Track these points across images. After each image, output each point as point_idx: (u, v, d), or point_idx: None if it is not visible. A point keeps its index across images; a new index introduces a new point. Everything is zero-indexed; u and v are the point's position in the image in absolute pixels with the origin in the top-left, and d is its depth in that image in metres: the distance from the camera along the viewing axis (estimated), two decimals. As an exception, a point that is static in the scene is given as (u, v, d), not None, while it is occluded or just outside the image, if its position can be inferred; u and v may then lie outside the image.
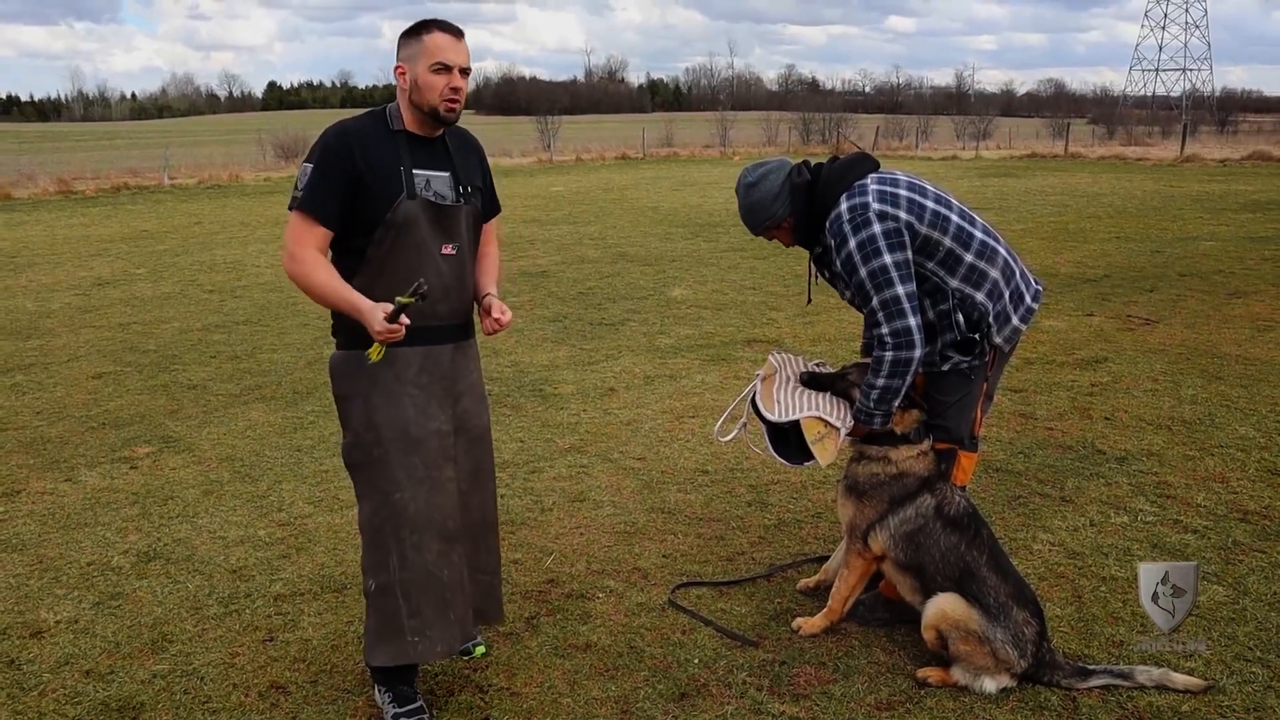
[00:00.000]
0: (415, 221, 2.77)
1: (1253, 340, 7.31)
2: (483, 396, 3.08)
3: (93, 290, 10.16)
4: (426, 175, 2.82)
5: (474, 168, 2.99)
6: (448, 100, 2.76)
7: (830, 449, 3.19)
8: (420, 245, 2.79)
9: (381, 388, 2.83)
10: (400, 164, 2.78)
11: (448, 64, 2.74)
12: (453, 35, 2.77)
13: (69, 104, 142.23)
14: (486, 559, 3.11)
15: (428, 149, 2.85)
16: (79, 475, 5.03)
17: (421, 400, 2.86)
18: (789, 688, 3.10)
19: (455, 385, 2.95)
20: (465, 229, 2.90)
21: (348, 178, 2.73)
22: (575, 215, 16.18)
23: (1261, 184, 20.24)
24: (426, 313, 2.79)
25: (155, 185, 22.80)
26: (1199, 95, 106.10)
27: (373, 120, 2.84)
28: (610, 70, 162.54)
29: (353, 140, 2.76)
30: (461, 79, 2.77)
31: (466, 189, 2.90)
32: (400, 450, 2.83)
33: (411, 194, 2.77)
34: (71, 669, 3.27)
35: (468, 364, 3.01)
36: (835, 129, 39.85)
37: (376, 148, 2.77)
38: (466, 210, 2.89)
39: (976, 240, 3.16)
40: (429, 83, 2.74)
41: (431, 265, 2.81)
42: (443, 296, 2.85)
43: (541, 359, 7.17)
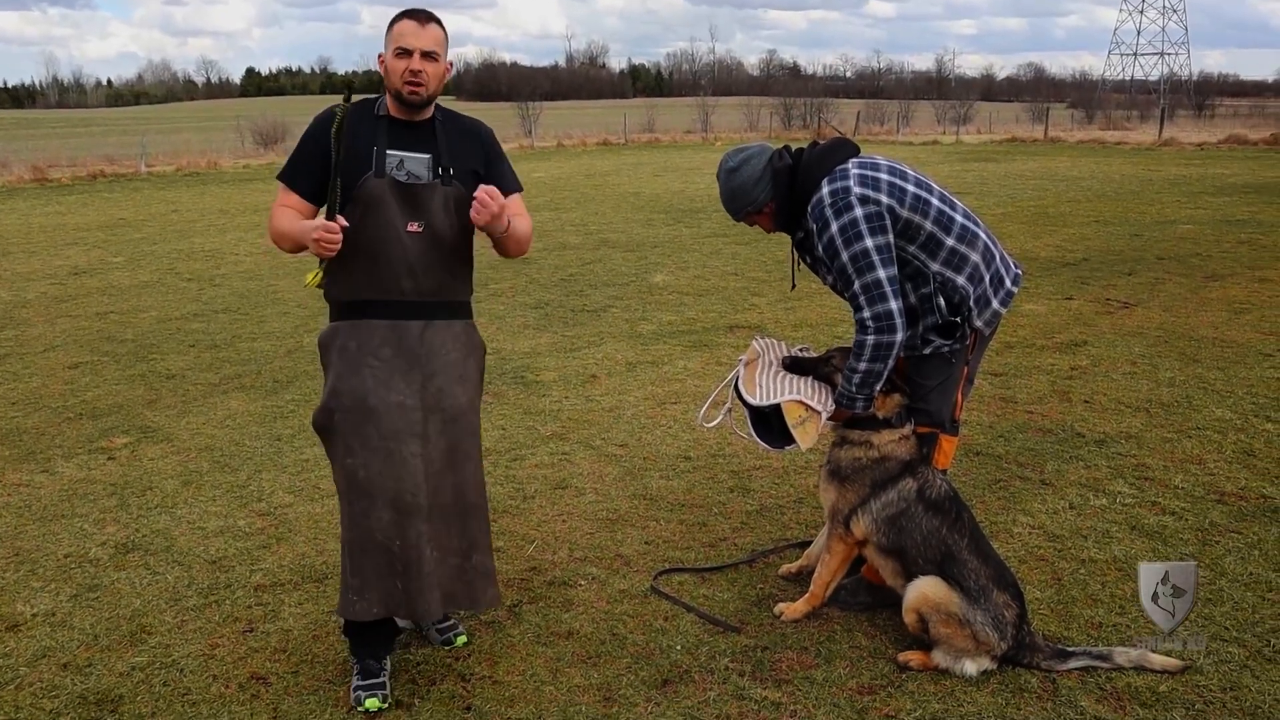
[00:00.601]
0: (381, 199, 2.91)
1: (1229, 323, 7.37)
2: (464, 378, 3.07)
3: (69, 279, 10.06)
4: (401, 156, 2.95)
5: (469, 152, 3.05)
6: (408, 84, 2.89)
7: (812, 432, 3.19)
8: (386, 222, 2.92)
9: (347, 358, 2.97)
10: (374, 144, 2.92)
11: (407, 48, 2.88)
12: (417, 21, 2.91)
13: (44, 90, 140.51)
14: (459, 542, 3.05)
15: (410, 132, 2.98)
16: (55, 466, 4.98)
17: (383, 373, 2.94)
18: (771, 673, 3.11)
19: (429, 363, 2.99)
20: (440, 209, 2.97)
21: (323, 155, 2.92)
22: (557, 201, 16.12)
23: (1238, 167, 20.39)
24: (391, 287, 2.94)
25: (132, 173, 22.56)
26: (1176, 79, 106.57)
27: (361, 105, 3.01)
28: (591, 56, 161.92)
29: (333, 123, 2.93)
30: (423, 62, 2.89)
31: (448, 170, 2.98)
32: (356, 419, 2.94)
33: (380, 173, 2.91)
34: (49, 662, 3.24)
35: (444, 343, 3.03)
36: (816, 114, 39.82)
37: (355, 128, 2.92)
38: (444, 191, 2.97)
39: (957, 224, 3.16)
40: (392, 66, 2.90)
41: (397, 241, 2.93)
42: (407, 272, 2.95)
43: (523, 346, 7.15)
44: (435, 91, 2.95)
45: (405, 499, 2.93)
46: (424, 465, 2.96)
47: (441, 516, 3.01)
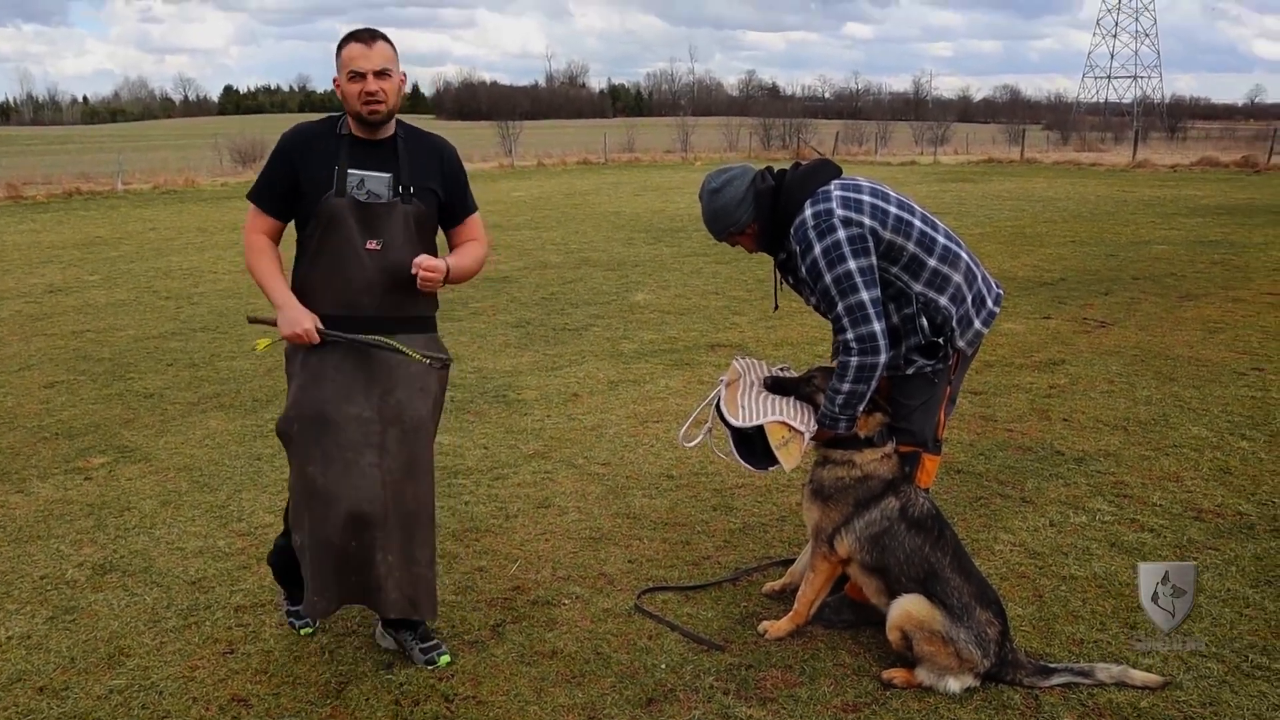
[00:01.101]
0: (341, 217, 3.01)
1: (1204, 342, 7.46)
2: (425, 390, 3.14)
3: (44, 298, 9.97)
4: (362, 175, 3.04)
5: (430, 171, 3.14)
6: (367, 104, 2.98)
7: (795, 453, 3.20)
8: (346, 239, 3.02)
9: (309, 370, 3.08)
10: (336, 164, 3.02)
11: (359, 71, 2.97)
12: (364, 43, 2.99)
13: (18, 107, 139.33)
14: (417, 552, 3.14)
15: (372, 151, 3.07)
16: (31, 487, 4.92)
17: (343, 386, 3.05)
18: (756, 691, 3.11)
19: (388, 377, 3.07)
20: (400, 228, 3.06)
21: (289, 174, 3.06)
22: (537, 220, 16.14)
23: (1210, 189, 20.68)
24: (351, 303, 3.06)
25: (108, 191, 22.40)
26: (1150, 102, 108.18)
27: (325, 124, 3.12)
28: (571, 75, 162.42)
29: (298, 141, 3.09)
30: (377, 81, 2.97)
31: (409, 189, 3.07)
32: (316, 429, 3.04)
33: (340, 193, 3.01)
34: (24, 686, 3.20)
35: (404, 358, 3.08)
36: (796, 134, 40.04)
37: (318, 148, 3.05)
38: (404, 210, 3.06)
39: (939, 245, 3.19)
40: (348, 90, 2.99)
41: (355, 259, 3.03)
42: (365, 289, 3.06)
43: (505, 364, 7.14)
44: (395, 105, 3.04)
45: (363, 507, 3.03)
46: (381, 475, 3.05)
47: (400, 525, 3.10)
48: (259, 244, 3.12)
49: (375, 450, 3.04)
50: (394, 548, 3.09)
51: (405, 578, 3.12)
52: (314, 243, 3.05)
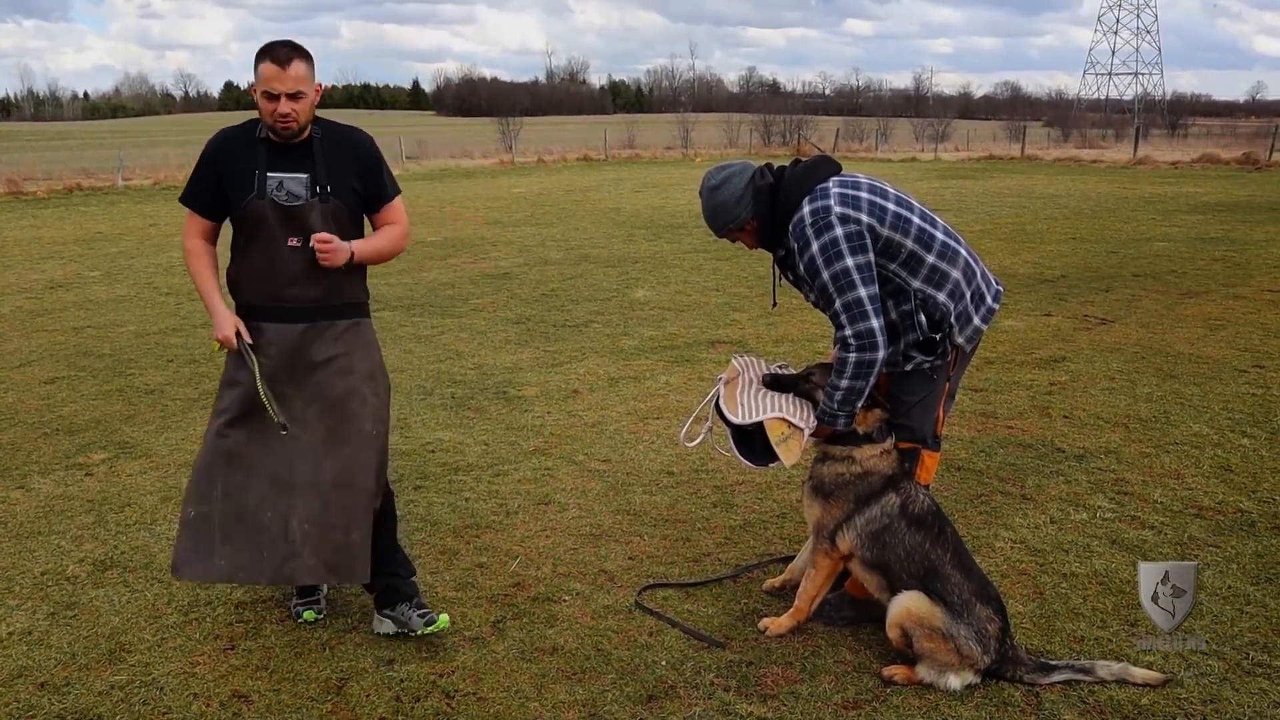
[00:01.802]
0: (263, 218, 3.19)
1: (1205, 339, 7.46)
2: (346, 370, 3.32)
3: (45, 293, 9.97)
4: (280, 177, 3.20)
5: (346, 168, 3.28)
6: (279, 122, 3.14)
7: (794, 450, 3.20)
8: (269, 239, 3.21)
9: (234, 357, 3.34)
10: (256, 168, 3.19)
11: (273, 92, 3.11)
12: (280, 65, 3.10)
13: (18, 103, 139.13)
14: (338, 519, 3.28)
15: (288, 153, 3.22)
16: (31, 483, 4.92)
17: (269, 368, 3.27)
18: (756, 688, 3.11)
19: (309, 358, 3.29)
20: (319, 224, 3.21)
21: (214, 178, 3.25)
22: (537, 217, 16.13)
23: (1211, 186, 20.67)
24: (277, 295, 3.25)
25: (109, 186, 22.42)
26: (1150, 99, 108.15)
27: (245, 129, 3.27)
28: (571, 72, 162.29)
29: (221, 147, 3.27)
30: (290, 103, 3.11)
31: (325, 189, 3.22)
32: (243, 404, 3.29)
33: (261, 195, 3.18)
34: (25, 681, 3.20)
35: (324, 341, 3.30)
36: (796, 131, 40.02)
37: (239, 153, 3.22)
38: (322, 208, 3.22)
39: (938, 241, 3.19)
40: (262, 107, 3.15)
41: (279, 255, 3.22)
42: (290, 282, 3.24)
43: (505, 361, 7.14)
44: (307, 119, 3.19)
45: (281, 474, 3.27)
46: (299, 446, 3.28)
47: (318, 494, 3.27)
48: (195, 248, 3.34)
49: (295, 424, 3.28)
50: (311, 517, 3.27)
51: (324, 545, 3.28)
52: (241, 240, 3.27)
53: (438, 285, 10.12)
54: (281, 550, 3.27)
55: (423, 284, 10.17)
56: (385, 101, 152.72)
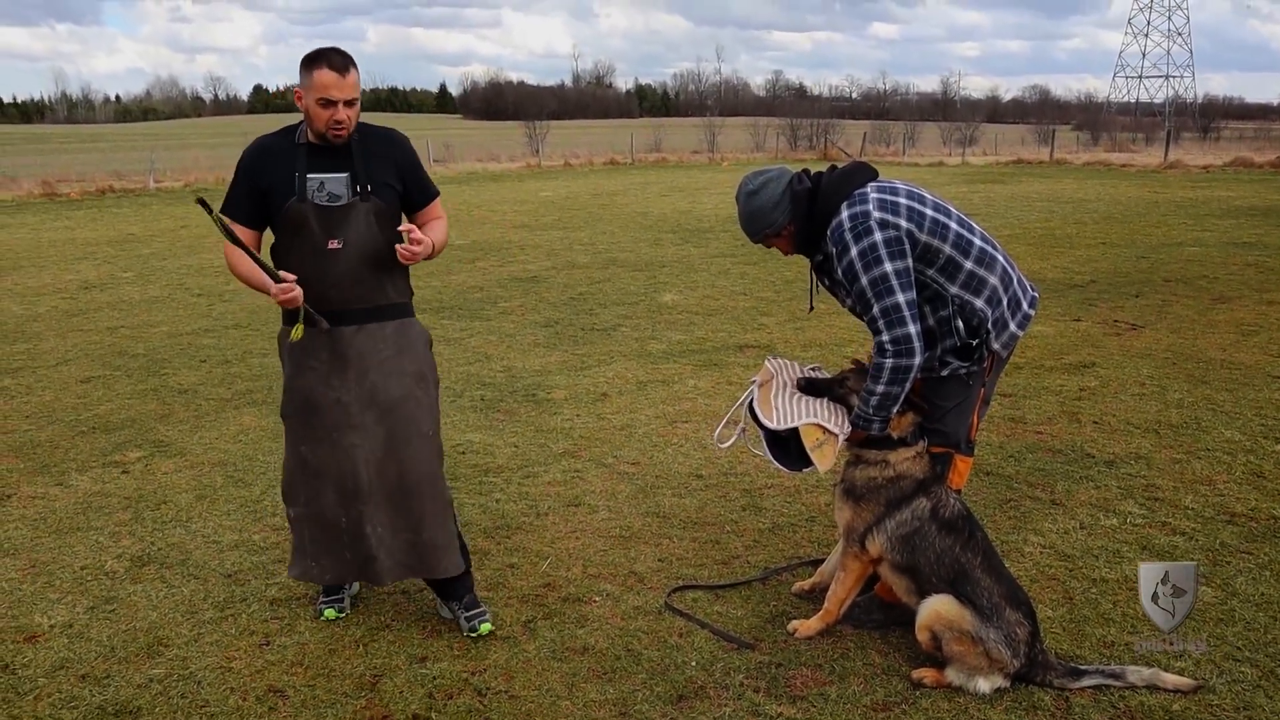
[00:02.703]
0: (303, 221, 3.20)
1: (1237, 345, 7.39)
2: (399, 372, 3.34)
3: (79, 294, 10.12)
4: (321, 178, 3.21)
5: (385, 166, 3.30)
6: (333, 130, 3.16)
7: (829, 455, 3.21)
8: (309, 241, 3.21)
9: (293, 361, 3.36)
10: (296, 171, 3.20)
11: (331, 99, 3.12)
12: (338, 72, 3.12)
13: (52, 106, 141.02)
14: (406, 520, 3.37)
15: (329, 154, 3.23)
16: (70, 480, 5.01)
17: (323, 372, 3.30)
18: (785, 690, 3.12)
19: (360, 362, 3.30)
20: (362, 225, 3.23)
21: (253, 186, 3.25)
22: (565, 221, 16.19)
23: (1244, 190, 20.43)
24: (321, 298, 3.23)
25: (141, 188, 22.71)
26: (1182, 102, 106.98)
27: (283, 135, 3.29)
28: (598, 75, 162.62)
29: (258, 155, 3.28)
30: (346, 110, 3.15)
31: (365, 187, 3.23)
32: (304, 412, 3.34)
33: (301, 197, 3.19)
34: (67, 673, 3.27)
35: (375, 344, 3.32)
36: (823, 135, 39.90)
37: (278, 159, 3.23)
38: (363, 207, 3.23)
39: (975, 247, 3.20)
40: (316, 114, 3.15)
41: (320, 258, 3.22)
42: (333, 284, 3.24)
43: (534, 364, 7.18)
44: (354, 127, 3.22)
45: (346, 484, 3.33)
46: (362, 454, 3.32)
47: (386, 498, 3.36)
48: (235, 251, 3.26)
49: (355, 431, 3.31)
50: (382, 520, 3.36)
51: (396, 545, 3.39)
52: (283, 246, 3.27)
53: (466, 288, 10.19)
54: (361, 551, 3.38)
55: (451, 287, 10.24)
56: (412, 105, 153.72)
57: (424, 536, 3.39)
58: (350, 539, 3.37)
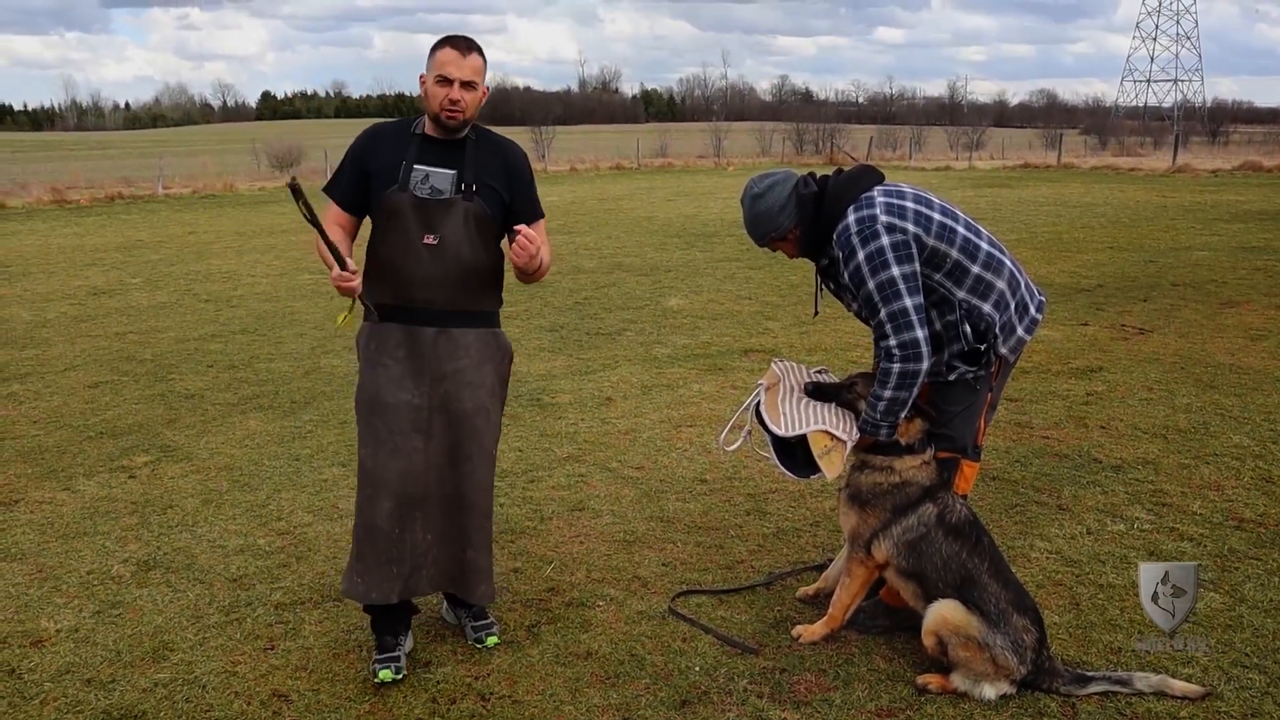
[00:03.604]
0: (401, 211, 3.12)
1: (1245, 350, 7.36)
2: (474, 384, 3.23)
3: (88, 300, 10.16)
4: (427, 170, 3.14)
5: (494, 171, 3.21)
6: (446, 110, 3.09)
7: (837, 462, 3.20)
8: (403, 234, 3.13)
9: (367, 357, 3.24)
10: (404, 159, 3.13)
11: (448, 77, 3.07)
12: (459, 51, 3.09)
13: (62, 113, 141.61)
14: (456, 534, 3.28)
15: (441, 149, 3.16)
16: (77, 484, 5.02)
17: (396, 372, 3.18)
18: (790, 695, 3.11)
19: (438, 367, 3.19)
20: (459, 223, 3.14)
21: (360, 169, 3.19)
22: (571, 225, 16.21)
23: (1253, 194, 20.36)
24: (407, 295, 3.16)
25: (149, 195, 22.79)
26: (1190, 106, 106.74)
27: (400, 124, 3.25)
28: (604, 81, 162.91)
29: (371, 138, 3.24)
30: (462, 90, 3.08)
31: (471, 186, 3.14)
32: (369, 412, 3.21)
33: (403, 187, 3.12)
34: (73, 678, 3.27)
35: (455, 350, 3.20)
36: (829, 139, 39.91)
37: (390, 146, 3.17)
38: (464, 206, 3.14)
39: (983, 252, 3.19)
40: (432, 92, 3.10)
41: (413, 252, 3.13)
42: (422, 283, 3.14)
43: (539, 368, 7.19)
44: (473, 116, 3.15)
45: (407, 489, 3.19)
46: (425, 459, 3.20)
47: (440, 507, 3.25)
48: (331, 228, 3.10)
49: (422, 435, 3.18)
50: (435, 529, 3.25)
51: (442, 556, 3.28)
52: (378, 236, 3.19)
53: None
54: (409, 563, 3.23)
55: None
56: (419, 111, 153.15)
57: (468, 555, 3.30)
58: (399, 552, 3.20)
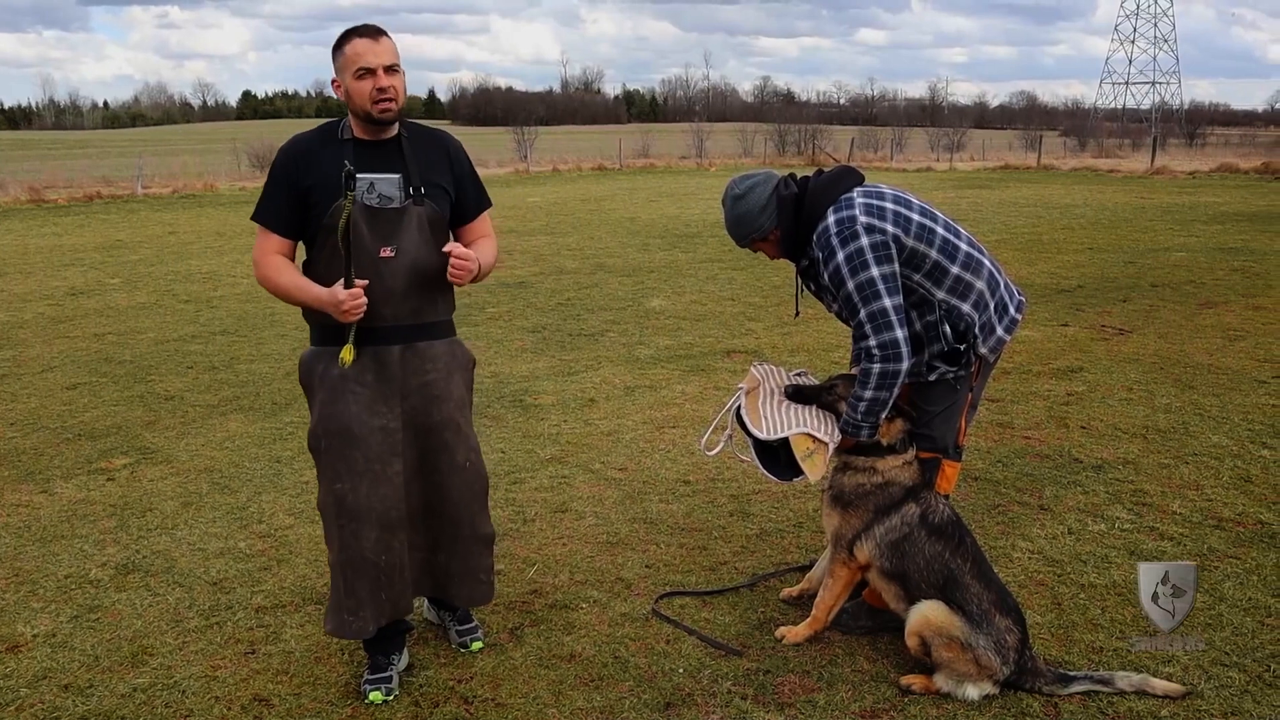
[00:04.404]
0: (354, 225, 2.85)
1: (1224, 350, 7.42)
2: (441, 397, 3.10)
3: (66, 300, 10.06)
4: (371, 178, 2.93)
5: (438, 166, 3.04)
6: (378, 104, 2.87)
7: (820, 464, 3.20)
8: (359, 248, 2.88)
9: (329, 385, 3.00)
10: (344, 170, 2.84)
11: (369, 67, 2.84)
12: (370, 38, 2.87)
13: (40, 112, 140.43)
14: (422, 538, 3.18)
15: (378, 152, 2.95)
16: (54, 487, 4.97)
17: (366, 398, 2.99)
18: (773, 696, 3.11)
19: (405, 383, 3.04)
20: (415, 230, 2.96)
21: (293, 190, 2.93)
22: (553, 226, 16.18)
23: (1229, 196, 20.54)
24: (370, 314, 2.91)
25: (129, 194, 22.59)
26: (1168, 108, 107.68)
27: (323, 132, 3.00)
28: (586, 81, 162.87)
29: (298, 154, 2.96)
30: (388, 77, 2.86)
31: (419, 190, 2.97)
32: (342, 445, 3.00)
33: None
34: (49, 683, 3.23)
35: (423, 364, 3.06)
36: (811, 140, 40.01)
37: (320, 157, 2.92)
38: (416, 211, 2.96)
39: (962, 252, 3.20)
40: (356, 89, 2.86)
41: (370, 268, 2.91)
42: (383, 298, 2.94)
43: (521, 369, 7.17)
44: (403, 104, 2.94)
45: (390, 516, 3.06)
46: (404, 479, 3.08)
47: (422, 522, 3.18)
48: (276, 263, 2.98)
49: (400, 459, 3.06)
50: (419, 544, 3.19)
51: (413, 562, 3.18)
52: (325, 254, 2.93)
53: (454, 293, 10.15)
54: (397, 588, 3.12)
55: (439, 292, 10.20)
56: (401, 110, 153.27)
57: (440, 559, 3.20)
58: (387, 578, 3.08)
